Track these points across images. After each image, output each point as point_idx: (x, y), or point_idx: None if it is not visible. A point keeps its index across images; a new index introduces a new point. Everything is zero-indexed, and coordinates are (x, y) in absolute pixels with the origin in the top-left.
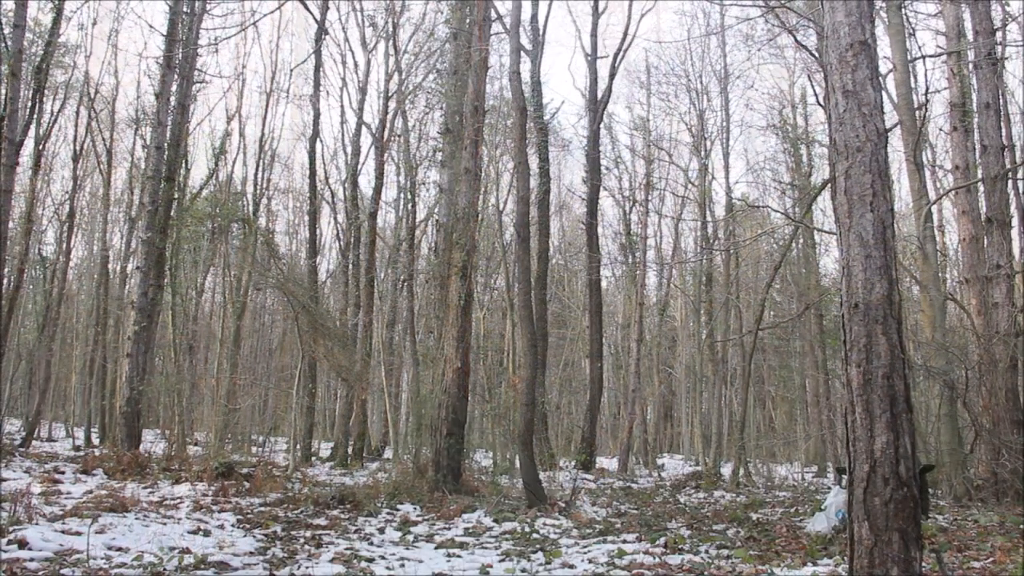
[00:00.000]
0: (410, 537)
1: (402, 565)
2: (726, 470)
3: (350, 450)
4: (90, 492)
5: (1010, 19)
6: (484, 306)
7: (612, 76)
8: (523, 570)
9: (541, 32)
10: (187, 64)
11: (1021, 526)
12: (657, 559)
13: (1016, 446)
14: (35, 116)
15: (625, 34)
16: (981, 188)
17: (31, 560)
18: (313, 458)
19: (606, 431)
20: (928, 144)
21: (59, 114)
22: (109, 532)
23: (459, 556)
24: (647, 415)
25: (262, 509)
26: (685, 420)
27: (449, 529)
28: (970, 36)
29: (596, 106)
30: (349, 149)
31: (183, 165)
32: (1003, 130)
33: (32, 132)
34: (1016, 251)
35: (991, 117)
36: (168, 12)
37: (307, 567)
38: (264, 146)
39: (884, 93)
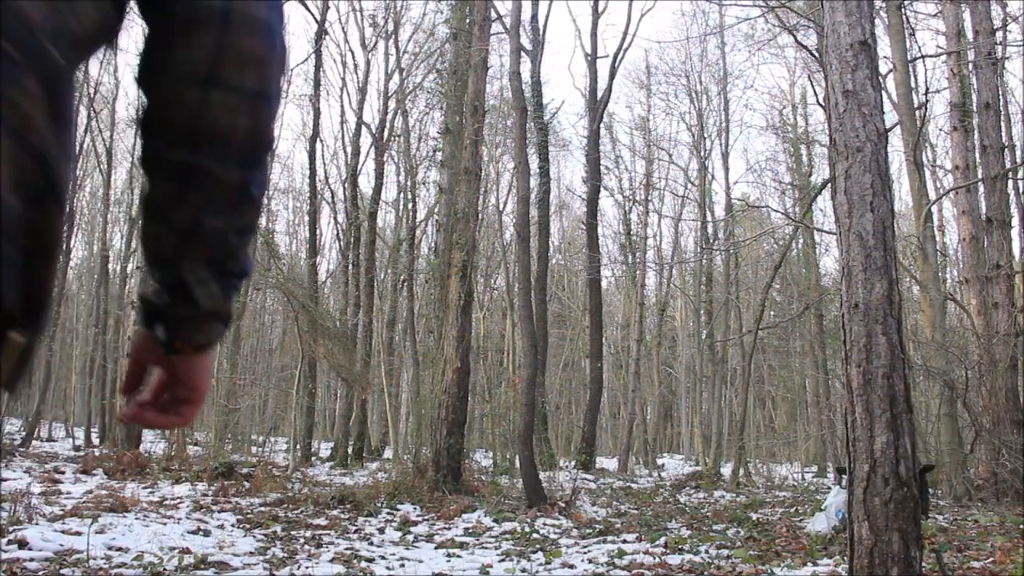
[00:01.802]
0: (410, 537)
1: (402, 565)
2: (726, 470)
3: (350, 450)
4: (90, 492)
5: (1010, 19)
6: (484, 306)
7: (612, 76)
8: (523, 570)
9: (541, 32)
10: None
11: (1021, 526)
12: (657, 559)
13: (1016, 446)
14: None
15: (625, 34)
16: (981, 188)
17: (31, 560)
18: (313, 458)
19: (606, 431)
20: (928, 144)
21: None
22: (109, 532)
23: (459, 556)
24: (647, 415)
25: (262, 509)
26: (685, 420)
27: (449, 529)
28: (970, 36)
29: (596, 106)
30: (349, 149)
31: None
32: (1003, 130)
33: None
34: (1016, 251)
35: (991, 117)
36: None
37: (307, 567)
38: None
39: (884, 93)
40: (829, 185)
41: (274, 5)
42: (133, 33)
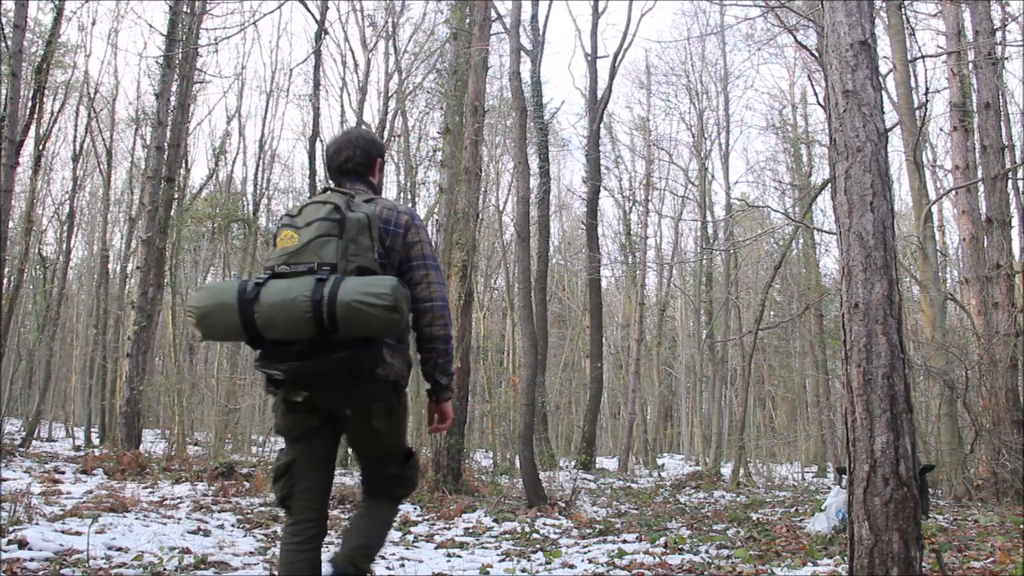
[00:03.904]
0: (410, 537)
1: (402, 565)
2: (726, 470)
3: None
4: (90, 492)
5: (1010, 19)
6: (484, 306)
7: (612, 76)
8: (523, 570)
9: (541, 32)
10: (187, 64)
11: (1021, 526)
12: (657, 559)
13: (1016, 446)
14: (35, 116)
15: (625, 34)
16: (981, 188)
17: (31, 560)
18: None
19: (606, 431)
20: (928, 144)
21: (59, 114)
22: (109, 532)
23: (459, 556)
24: (647, 415)
25: (262, 509)
26: (685, 420)
27: (449, 529)
28: (970, 36)
29: (596, 106)
30: None
31: (183, 165)
32: (1003, 130)
33: (32, 132)
34: (1016, 251)
35: (991, 117)
36: (168, 12)
37: None
38: (264, 146)
39: (884, 93)
40: (829, 185)
41: (442, 296)
42: (133, 33)
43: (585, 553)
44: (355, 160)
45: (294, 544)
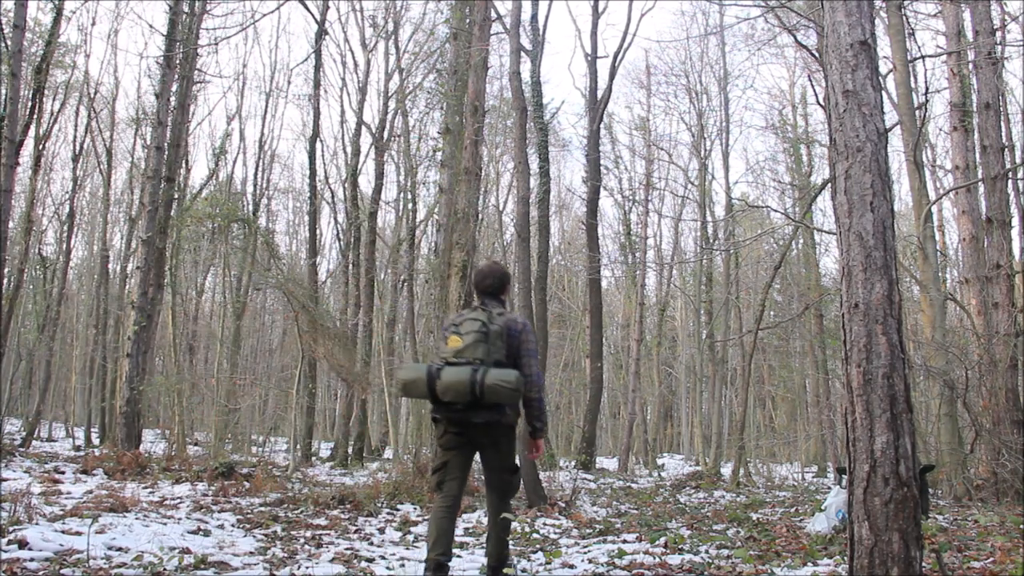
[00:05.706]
0: (410, 537)
1: (402, 565)
2: (726, 470)
3: (350, 450)
4: (90, 492)
5: (1010, 19)
6: None
7: (612, 76)
8: (523, 570)
9: (541, 32)
10: (187, 64)
11: (1021, 526)
12: (657, 559)
13: (1016, 446)
14: (35, 116)
15: (625, 34)
16: (981, 188)
17: (31, 560)
18: (313, 458)
19: (606, 431)
20: (928, 144)
21: (59, 114)
22: (109, 532)
23: (459, 556)
24: (647, 415)
25: (262, 509)
26: (685, 420)
27: None
28: (970, 36)
29: (596, 106)
30: (349, 149)
31: (183, 165)
32: (1003, 130)
33: (32, 132)
34: (1016, 251)
35: (991, 117)
36: (168, 12)
37: (307, 567)
38: (264, 146)
39: (884, 93)
40: (829, 185)
41: (538, 374)
42: (133, 33)
43: (585, 553)
44: (494, 286)
45: (442, 509)
